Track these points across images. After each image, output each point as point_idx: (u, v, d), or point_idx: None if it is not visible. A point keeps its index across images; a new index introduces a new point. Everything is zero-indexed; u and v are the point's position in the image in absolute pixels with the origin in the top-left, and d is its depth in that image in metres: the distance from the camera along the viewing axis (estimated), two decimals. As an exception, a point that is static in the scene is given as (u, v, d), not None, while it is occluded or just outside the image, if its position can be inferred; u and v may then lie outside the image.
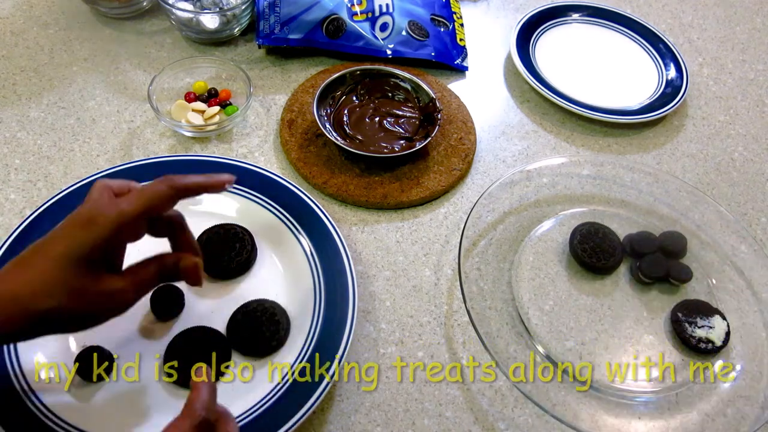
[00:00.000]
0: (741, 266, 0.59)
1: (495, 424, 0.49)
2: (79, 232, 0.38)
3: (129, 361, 0.48)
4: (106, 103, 0.67)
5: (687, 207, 0.63)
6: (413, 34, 0.74)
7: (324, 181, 0.61)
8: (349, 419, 0.48)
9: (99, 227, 0.38)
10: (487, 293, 0.56)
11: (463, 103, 0.71)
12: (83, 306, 0.38)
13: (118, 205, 0.39)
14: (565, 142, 0.70)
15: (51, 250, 0.38)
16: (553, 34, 0.81)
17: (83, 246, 0.38)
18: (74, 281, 0.37)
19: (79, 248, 0.38)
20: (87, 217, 0.39)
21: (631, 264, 0.59)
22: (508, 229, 0.61)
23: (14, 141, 0.63)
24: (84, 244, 0.38)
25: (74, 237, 0.38)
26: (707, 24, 0.88)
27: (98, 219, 0.38)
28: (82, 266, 0.38)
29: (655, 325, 0.55)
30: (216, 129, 0.64)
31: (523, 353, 0.52)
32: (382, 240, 0.59)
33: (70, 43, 0.73)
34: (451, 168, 0.64)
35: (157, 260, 0.43)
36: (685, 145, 0.71)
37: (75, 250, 0.38)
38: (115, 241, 0.39)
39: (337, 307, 0.51)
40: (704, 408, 0.51)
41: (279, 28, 0.71)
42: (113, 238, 0.39)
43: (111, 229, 0.38)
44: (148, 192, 0.40)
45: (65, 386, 0.46)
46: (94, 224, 0.38)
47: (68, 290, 0.37)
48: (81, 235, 0.38)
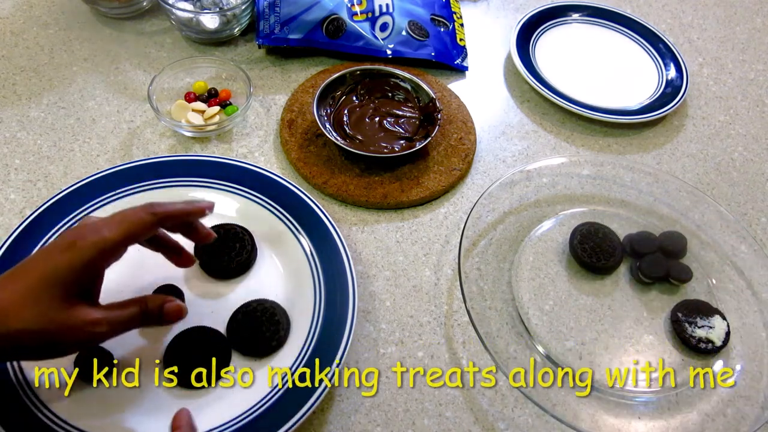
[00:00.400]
0: (741, 266, 0.59)
1: (495, 424, 0.49)
2: (58, 255, 0.38)
3: (128, 360, 0.48)
4: (106, 103, 0.67)
5: (687, 207, 0.63)
6: (413, 34, 0.74)
7: (324, 181, 0.61)
8: (349, 419, 0.48)
9: (78, 252, 0.38)
10: (487, 293, 0.56)
11: (463, 103, 0.71)
12: (52, 332, 0.37)
13: (99, 231, 0.39)
14: (565, 142, 0.70)
15: (29, 272, 0.38)
16: (553, 34, 0.81)
17: (60, 270, 0.38)
18: (48, 305, 0.37)
19: (56, 271, 0.37)
20: (68, 242, 0.39)
21: (631, 264, 0.59)
22: (508, 229, 0.61)
23: (14, 141, 0.63)
24: (61, 268, 0.38)
25: (53, 260, 0.38)
26: (707, 24, 0.88)
27: (78, 243, 0.38)
28: (59, 290, 0.37)
29: (655, 325, 0.55)
30: (216, 129, 0.64)
31: (523, 353, 0.52)
32: (382, 240, 0.59)
33: (70, 43, 0.73)
34: (451, 168, 0.64)
35: (139, 302, 0.42)
36: (685, 145, 0.71)
37: (52, 273, 0.37)
38: (93, 267, 0.39)
39: (337, 307, 0.51)
40: (704, 408, 0.51)
41: (279, 28, 0.71)
42: (92, 264, 0.39)
43: (90, 255, 0.38)
44: (129, 219, 0.40)
45: (65, 392, 0.45)
46: (73, 249, 0.38)
47: (39, 313, 0.37)
48: (60, 258, 0.38)
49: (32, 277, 0.37)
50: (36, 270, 0.38)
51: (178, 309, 0.43)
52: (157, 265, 0.53)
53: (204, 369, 0.47)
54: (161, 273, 0.53)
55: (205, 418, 0.45)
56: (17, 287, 0.37)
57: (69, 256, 0.38)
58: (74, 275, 0.38)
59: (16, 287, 0.37)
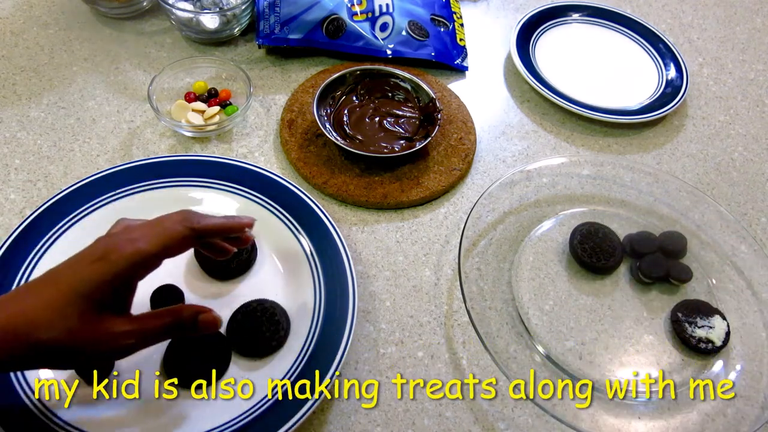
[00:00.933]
0: (741, 266, 0.59)
1: (495, 424, 0.49)
2: (90, 266, 0.37)
3: (128, 362, 0.48)
4: (106, 103, 0.67)
5: (687, 207, 0.63)
6: (413, 34, 0.74)
7: (324, 181, 0.61)
8: (349, 419, 0.48)
9: (111, 265, 0.37)
10: (487, 293, 0.56)
11: (463, 103, 0.71)
12: (81, 343, 0.36)
13: (135, 242, 0.38)
14: (565, 142, 0.70)
15: (60, 281, 0.37)
16: (553, 34, 0.81)
17: (92, 282, 0.36)
18: (77, 316, 0.36)
19: (87, 283, 0.36)
20: (101, 253, 0.37)
21: (631, 264, 0.59)
22: (508, 229, 0.61)
23: (14, 141, 0.63)
24: (93, 281, 0.36)
25: (84, 271, 0.37)
26: (707, 24, 0.88)
27: (111, 256, 0.37)
28: (88, 302, 0.36)
29: (655, 325, 0.55)
30: (216, 129, 0.64)
31: (523, 353, 0.52)
32: (382, 240, 0.59)
33: (70, 43, 0.73)
34: (451, 168, 0.64)
35: (172, 313, 0.41)
36: (685, 145, 0.71)
37: (82, 284, 0.36)
38: (125, 280, 0.38)
39: (337, 307, 0.50)
40: (704, 408, 0.51)
41: (279, 28, 0.71)
42: (124, 277, 0.37)
43: (124, 268, 0.37)
44: (167, 233, 0.39)
45: (65, 404, 0.45)
46: (106, 261, 0.37)
47: (69, 325, 0.36)
48: (91, 270, 0.37)
49: (62, 287, 0.36)
50: (66, 280, 0.37)
51: (213, 320, 0.41)
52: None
53: (204, 381, 0.47)
54: (161, 273, 0.52)
55: (205, 419, 0.45)
56: (46, 297, 0.36)
57: (101, 268, 0.37)
58: (105, 287, 0.37)
59: (44, 297, 0.36)
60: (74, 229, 0.53)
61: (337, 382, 0.49)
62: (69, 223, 0.54)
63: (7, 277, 0.50)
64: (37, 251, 0.51)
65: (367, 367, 0.51)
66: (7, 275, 0.50)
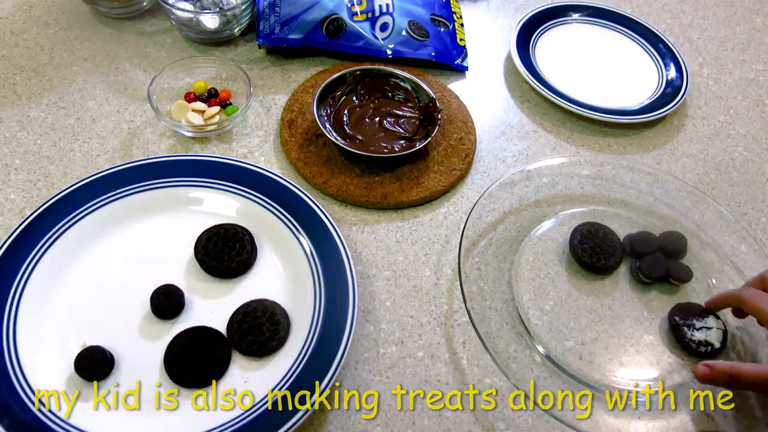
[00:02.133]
0: (741, 266, 0.59)
1: (495, 424, 0.49)
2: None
3: (128, 362, 0.48)
4: (106, 103, 0.67)
5: (687, 207, 0.63)
6: (413, 34, 0.74)
7: (324, 181, 0.61)
8: (349, 419, 0.48)
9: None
10: (487, 293, 0.56)
11: (463, 103, 0.71)
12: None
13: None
14: (565, 142, 0.70)
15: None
16: (553, 34, 0.81)
17: None
18: None
19: None
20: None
21: (631, 264, 0.59)
22: (508, 229, 0.61)
23: (14, 141, 0.63)
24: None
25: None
26: (707, 24, 0.88)
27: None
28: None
29: (655, 326, 0.55)
30: (216, 129, 0.64)
31: (523, 353, 0.52)
32: (382, 240, 0.59)
33: (70, 43, 0.73)
34: (451, 168, 0.64)
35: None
36: (685, 145, 0.71)
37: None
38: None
39: (337, 307, 0.50)
40: (704, 408, 0.51)
41: (279, 28, 0.71)
42: None
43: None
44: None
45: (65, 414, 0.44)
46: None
47: None
48: None
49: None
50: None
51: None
52: (157, 265, 0.53)
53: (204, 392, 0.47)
54: (161, 273, 0.53)
55: (205, 419, 0.45)
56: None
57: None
58: None
59: None
60: (74, 229, 0.53)
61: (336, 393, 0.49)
62: (69, 223, 0.54)
63: (7, 277, 0.50)
64: (37, 251, 0.51)
65: (367, 367, 0.51)
66: (7, 275, 0.50)
